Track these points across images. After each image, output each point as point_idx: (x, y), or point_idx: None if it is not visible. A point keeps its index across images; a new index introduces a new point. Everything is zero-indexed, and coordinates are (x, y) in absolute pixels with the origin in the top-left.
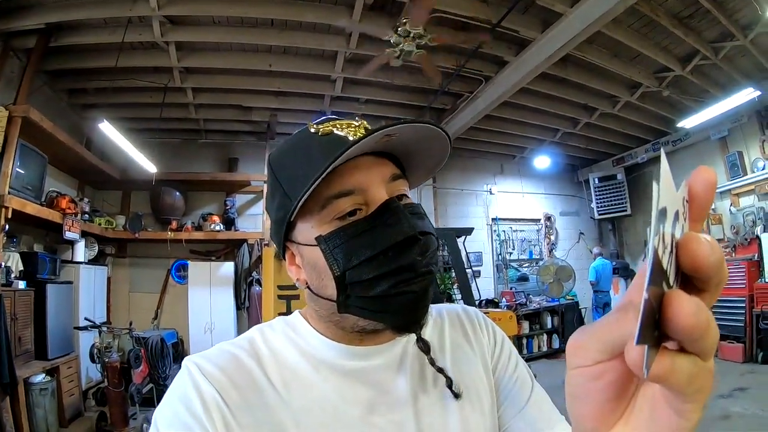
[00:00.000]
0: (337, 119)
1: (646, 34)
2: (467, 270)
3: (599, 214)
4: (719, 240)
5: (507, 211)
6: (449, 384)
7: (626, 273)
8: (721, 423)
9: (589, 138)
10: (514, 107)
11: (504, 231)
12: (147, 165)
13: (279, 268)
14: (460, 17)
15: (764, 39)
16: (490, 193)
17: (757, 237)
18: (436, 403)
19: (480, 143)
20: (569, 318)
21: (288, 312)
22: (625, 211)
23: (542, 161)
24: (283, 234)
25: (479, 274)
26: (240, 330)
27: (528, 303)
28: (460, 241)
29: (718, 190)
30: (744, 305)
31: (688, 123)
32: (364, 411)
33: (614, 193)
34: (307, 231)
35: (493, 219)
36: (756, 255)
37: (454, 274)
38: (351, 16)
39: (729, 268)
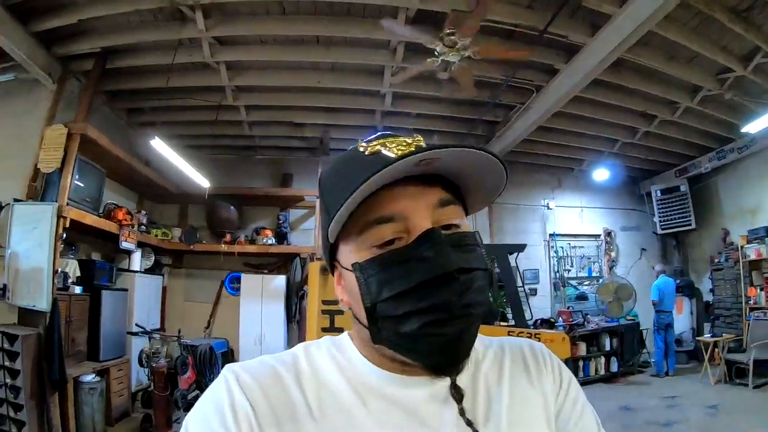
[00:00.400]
0: (391, 136)
1: (703, 32)
2: (520, 288)
3: (662, 229)
4: None
5: (565, 226)
6: None
7: (690, 291)
8: None
9: (649, 148)
10: (569, 117)
11: (562, 247)
12: (200, 180)
13: (324, 283)
14: (506, 25)
15: None
16: (548, 207)
17: None
18: None
19: (536, 156)
20: (629, 339)
21: (331, 326)
22: (690, 225)
23: (601, 174)
24: (330, 253)
25: (535, 292)
26: (290, 343)
27: (586, 323)
28: (512, 258)
29: None
30: None
31: (753, 128)
32: None
33: (678, 205)
34: (347, 254)
35: (550, 235)
36: None
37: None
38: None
39: None
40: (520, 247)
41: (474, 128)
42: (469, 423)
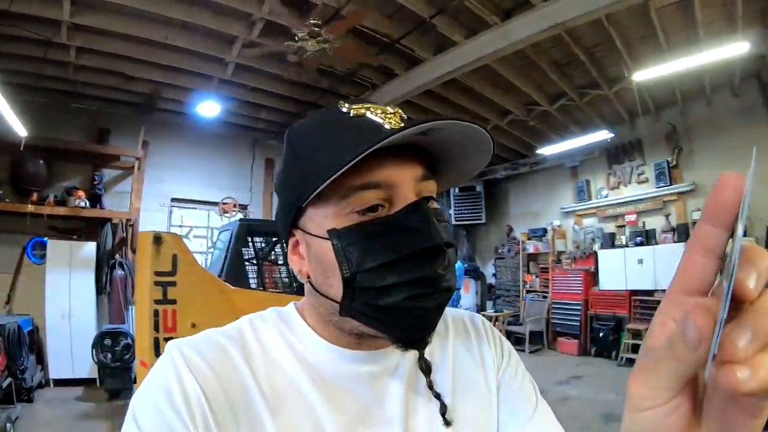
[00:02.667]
0: (370, 103)
1: (526, 73)
2: None
3: (456, 221)
4: (561, 252)
5: None
6: (443, 411)
7: (476, 275)
8: (560, 405)
9: None
10: None
11: None
12: (16, 126)
13: (157, 253)
14: (364, 27)
15: (625, 93)
16: None
17: (595, 252)
18: (429, 421)
19: None
20: None
21: (164, 298)
22: (481, 219)
23: None
24: (292, 218)
25: None
26: (100, 316)
27: None
28: None
29: (564, 210)
30: (580, 308)
31: (546, 150)
32: (351, 420)
33: (472, 202)
34: (319, 220)
35: None
36: (593, 267)
37: None
38: (262, 4)
39: (569, 278)
40: None
41: (305, 111)
42: (438, 396)
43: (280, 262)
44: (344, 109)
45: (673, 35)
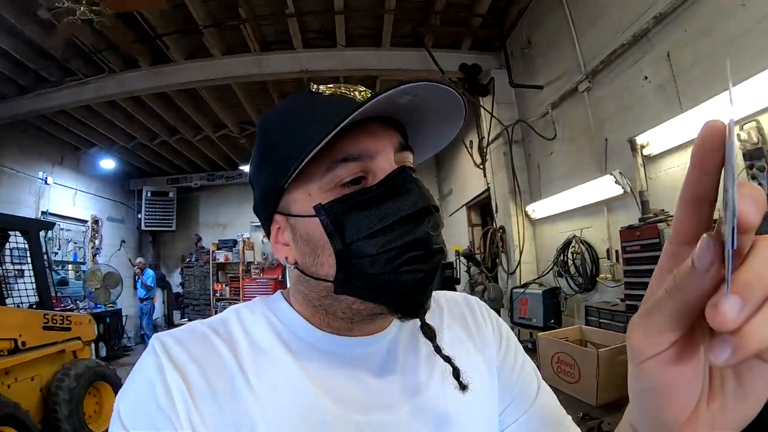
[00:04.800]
0: (340, 83)
1: (255, 96)
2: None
3: (145, 226)
4: (251, 262)
5: (58, 206)
6: (456, 374)
7: (163, 284)
8: None
9: (158, 154)
10: (110, 104)
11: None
12: None
13: None
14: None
15: None
16: (46, 182)
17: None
18: (426, 405)
19: (52, 124)
20: (114, 325)
21: None
22: (171, 227)
23: (106, 163)
24: (273, 205)
25: (22, 273)
26: None
27: (75, 309)
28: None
29: (254, 224)
30: None
31: (246, 168)
32: (343, 407)
33: (163, 208)
34: (304, 200)
35: (43, 212)
36: (280, 276)
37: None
38: None
39: (259, 286)
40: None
41: (22, 76)
42: (448, 359)
43: None
44: (319, 90)
45: None
